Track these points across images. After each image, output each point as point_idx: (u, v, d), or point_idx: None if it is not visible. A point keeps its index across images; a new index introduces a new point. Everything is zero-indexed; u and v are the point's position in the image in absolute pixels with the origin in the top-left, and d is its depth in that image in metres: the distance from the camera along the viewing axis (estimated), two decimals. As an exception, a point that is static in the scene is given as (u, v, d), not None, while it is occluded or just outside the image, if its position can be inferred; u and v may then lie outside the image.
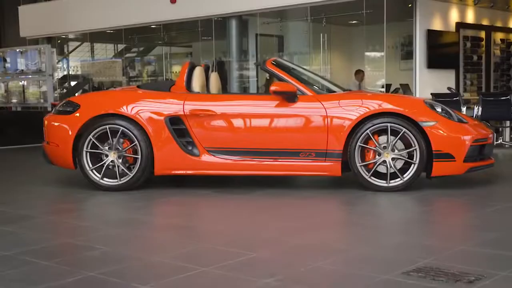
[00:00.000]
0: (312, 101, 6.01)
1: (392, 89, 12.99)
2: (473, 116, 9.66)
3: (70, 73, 17.41)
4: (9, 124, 12.95)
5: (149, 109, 6.15)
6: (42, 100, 12.47)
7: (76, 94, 17.22)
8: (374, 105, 5.89)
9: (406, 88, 12.42)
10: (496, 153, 8.68)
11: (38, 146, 9.37)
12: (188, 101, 6.15)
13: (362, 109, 5.88)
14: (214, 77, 6.99)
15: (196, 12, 12.47)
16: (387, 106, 5.89)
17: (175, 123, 6.13)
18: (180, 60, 18.41)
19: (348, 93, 6.39)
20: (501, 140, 9.80)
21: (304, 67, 8.93)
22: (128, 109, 6.15)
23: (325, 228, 4.54)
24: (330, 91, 6.53)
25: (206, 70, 6.89)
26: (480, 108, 9.56)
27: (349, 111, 5.91)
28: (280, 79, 6.15)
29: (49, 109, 12.22)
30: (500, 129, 9.97)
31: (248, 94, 6.59)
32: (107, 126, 6.14)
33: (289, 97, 5.98)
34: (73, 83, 17.58)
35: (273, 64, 6.34)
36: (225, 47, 13.28)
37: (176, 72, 17.74)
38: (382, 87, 12.73)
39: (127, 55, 17.00)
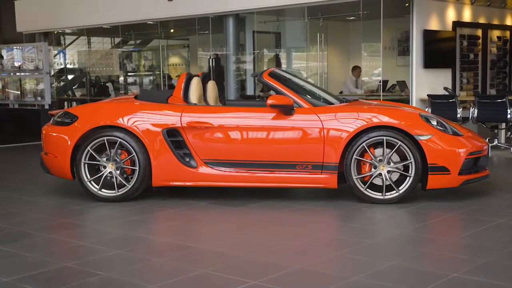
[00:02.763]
0: (308, 113, 6.07)
1: (388, 85, 13.02)
2: (468, 117, 9.71)
3: (67, 66, 17.36)
4: (7, 122, 12.98)
5: (146, 121, 6.20)
6: (39, 98, 12.49)
7: (74, 88, 17.24)
8: (370, 118, 5.94)
9: (403, 85, 12.45)
10: (491, 156, 8.74)
11: (36, 144, 9.45)
12: (185, 113, 6.20)
13: (359, 122, 5.94)
14: (211, 86, 7.02)
15: (193, 10, 12.44)
16: (383, 119, 5.94)
17: (173, 135, 6.18)
18: (177, 52, 18.39)
19: (344, 105, 6.42)
20: (496, 142, 9.85)
21: (301, 77, 8.99)
22: (125, 121, 6.19)
23: (321, 249, 4.60)
24: (327, 102, 6.56)
25: (203, 79, 6.92)
26: (476, 110, 9.59)
27: (345, 124, 5.97)
28: (277, 92, 6.20)
29: (47, 107, 12.27)
30: (496, 130, 10.01)
31: (245, 107, 6.57)
32: (105, 138, 6.19)
33: (286, 110, 6.03)
34: (70, 77, 17.56)
35: (270, 76, 6.39)
36: (222, 41, 13.27)
37: (173, 64, 17.74)
38: (379, 82, 12.76)
39: (124, 48, 16.96)
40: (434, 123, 6.03)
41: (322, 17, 12.86)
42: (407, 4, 10.77)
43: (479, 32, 12.41)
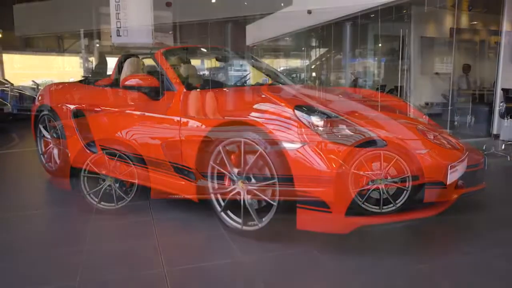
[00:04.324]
0: (306, 127, 6.09)
1: (386, 90, 13.08)
2: (466, 124, 9.76)
3: (66, 69, 17.39)
4: (5, 127, 13.02)
5: (145, 134, 6.23)
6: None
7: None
8: (367, 132, 5.97)
9: (401, 91, 12.51)
10: (488, 163, 8.75)
11: (35, 149, 9.43)
12: (184, 126, 6.23)
13: (356, 136, 5.97)
14: (210, 97, 7.04)
15: (191, 17, 12.48)
16: (380, 133, 5.97)
17: (171, 148, 6.21)
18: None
19: (342, 119, 6.44)
20: (493, 149, 9.89)
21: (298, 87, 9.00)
22: (123, 134, 6.23)
23: (318, 266, 4.65)
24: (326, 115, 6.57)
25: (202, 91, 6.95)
26: (473, 118, 9.64)
27: (342, 138, 5.99)
28: (274, 104, 6.22)
29: (45, 112, 12.25)
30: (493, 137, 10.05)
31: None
32: (104, 151, 6.23)
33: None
34: (71, 80, 17.56)
35: (268, 88, 6.43)
36: (221, 45, 13.31)
37: (172, 66, 17.74)
38: (377, 89, 12.81)
39: (123, 52, 16.97)
40: (431, 137, 6.07)
41: (320, 24, 12.91)
42: (405, 11, 10.82)
43: (477, 38, 12.45)
